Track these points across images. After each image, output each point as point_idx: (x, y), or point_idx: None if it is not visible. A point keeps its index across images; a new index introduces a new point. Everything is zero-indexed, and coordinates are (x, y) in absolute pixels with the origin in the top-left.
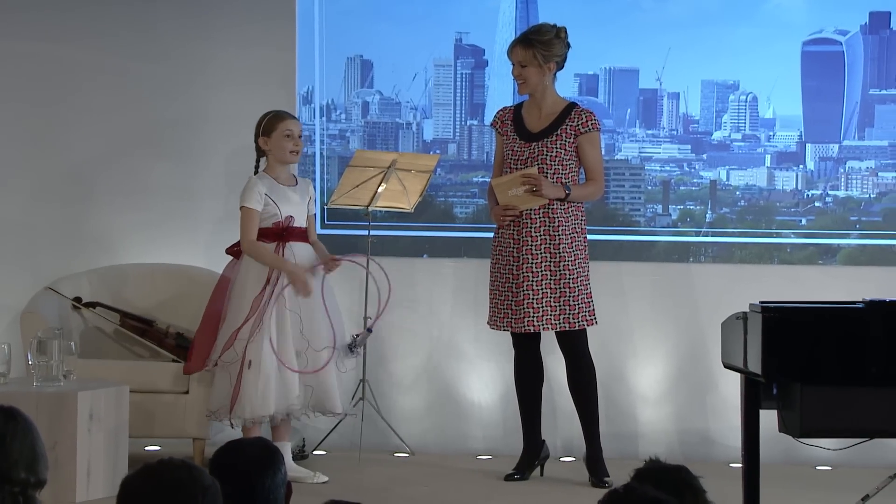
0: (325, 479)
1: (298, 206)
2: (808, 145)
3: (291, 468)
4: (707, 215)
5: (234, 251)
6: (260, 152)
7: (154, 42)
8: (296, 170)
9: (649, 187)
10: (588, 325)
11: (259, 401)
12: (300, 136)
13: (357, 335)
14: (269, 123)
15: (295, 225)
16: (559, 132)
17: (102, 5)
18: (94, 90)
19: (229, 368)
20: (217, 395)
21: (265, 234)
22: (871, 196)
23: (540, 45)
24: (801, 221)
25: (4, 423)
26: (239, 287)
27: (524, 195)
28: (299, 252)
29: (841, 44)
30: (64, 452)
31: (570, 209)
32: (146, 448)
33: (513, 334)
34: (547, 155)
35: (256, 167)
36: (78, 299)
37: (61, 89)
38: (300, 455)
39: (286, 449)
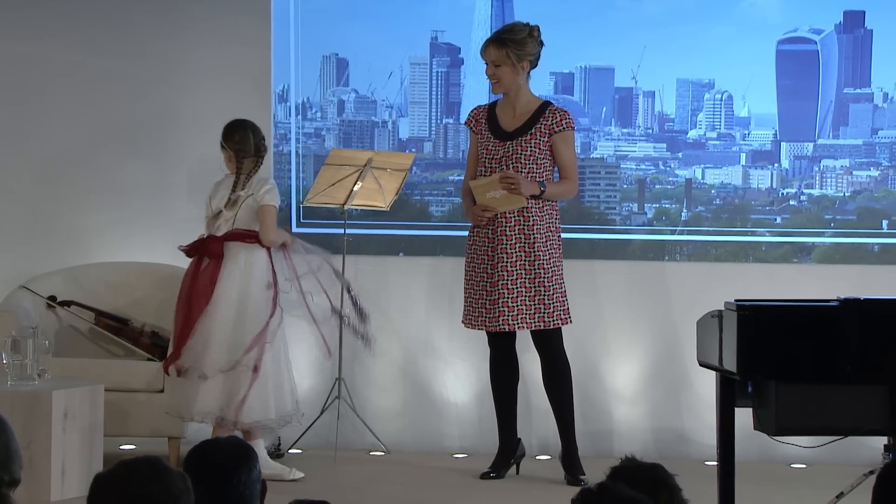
0: (301, 475)
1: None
2: (783, 144)
3: (267, 465)
4: (682, 214)
5: (197, 250)
6: (260, 157)
7: (127, 39)
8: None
9: (625, 186)
10: (563, 324)
11: (264, 404)
12: None
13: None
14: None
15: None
16: (533, 131)
17: (75, 2)
18: (66, 87)
19: (241, 371)
20: (218, 399)
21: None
22: (846, 194)
23: (513, 45)
24: (776, 220)
25: None
26: (237, 291)
27: (502, 198)
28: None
29: (816, 43)
30: (38, 451)
31: (544, 208)
32: (121, 447)
33: (488, 333)
34: (521, 154)
35: (255, 170)
36: (52, 298)
37: (33, 86)
38: (276, 454)
39: (260, 446)
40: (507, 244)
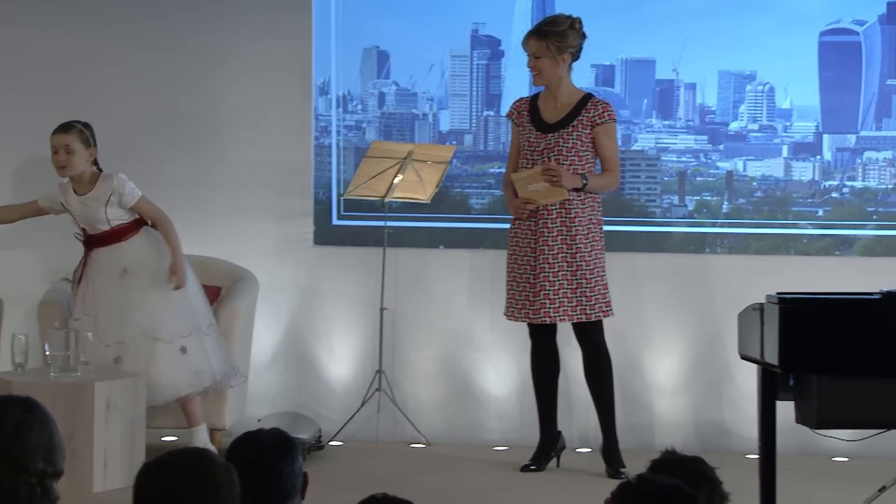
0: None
1: (92, 212)
2: (826, 136)
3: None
4: (723, 206)
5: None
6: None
7: (170, 32)
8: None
9: (665, 178)
10: (604, 316)
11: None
12: (67, 151)
13: None
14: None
15: (95, 233)
16: (575, 123)
17: None
18: (107, 81)
19: None
20: None
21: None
22: (889, 186)
23: (554, 37)
24: (817, 212)
25: (22, 414)
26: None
27: (544, 190)
28: (105, 257)
29: (858, 34)
30: (81, 443)
31: (586, 200)
32: (162, 438)
33: (529, 325)
34: (563, 146)
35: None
36: None
37: (76, 80)
38: (316, 446)
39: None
40: (548, 236)
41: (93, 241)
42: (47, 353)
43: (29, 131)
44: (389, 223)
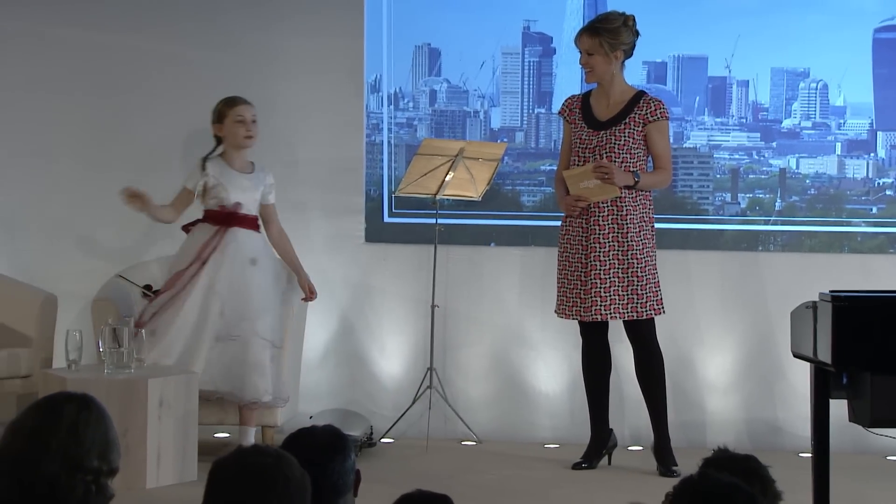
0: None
1: (250, 195)
2: (879, 133)
3: None
4: (776, 204)
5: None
6: (217, 139)
7: (222, 31)
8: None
9: (718, 175)
10: (656, 315)
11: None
12: (253, 122)
13: None
14: (222, 110)
15: (242, 212)
16: (627, 120)
17: None
18: (163, 79)
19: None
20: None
21: (211, 217)
22: None
23: (607, 34)
24: (871, 210)
25: (78, 411)
26: (174, 260)
27: (595, 187)
28: (243, 239)
29: None
30: (134, 439)
31: (638, 198)
32: (216, 435)
33: (580, 323)
34: (615, 143)
35: (210, 153)
36: (148, 287)
37: (131, 78)
38: (368, 443)
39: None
40: (600, 234)
41: (233, 220)
42: (101, 349)
43: (86, 130)
44: (440, 220)
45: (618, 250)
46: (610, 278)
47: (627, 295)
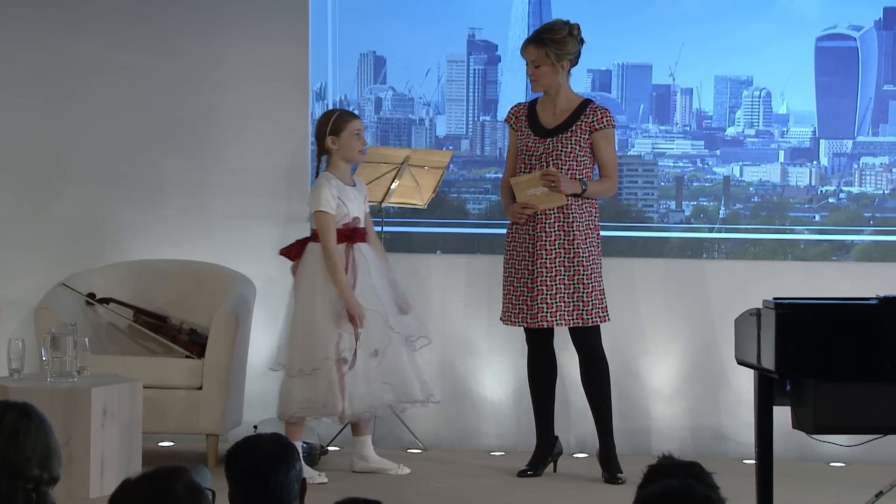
0: (408, 471)
1: (360, 206)
2: (822, 141)
3: (375, 460)
4: (720, 211)
5: (290, 252)
6: (323, 152)
7: (167, 38)
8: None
9: (662, 183)
10: (601, 322)
11: (359, 397)
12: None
13: None
14: (338, 122)
15: (360, 226)
16: (574, 128)
17: (114, 1)
18: (105, 86)
19: (327, 371)
20: (303, 397)
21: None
22: (885, 192)
23: (553, 44)
24: (814, 217)
25: (18, 419)
26: (310, 288)
27: (542, 195)
28: (367, 253)
29: (855, 39)
30: (78, 448)
31: (584, 205)
32: (160, 444)
33: (526, 330)
34: (562, 151)
35: (318, 168)
36: (92, 295)
37: (72, 85)
38: (322, 451)
39: (367, 442)
40: (546, 241)
41: (357, 235)
42: (43, 358)
43: (28, 137)
44: (386, 228)
45: (564, 258)
46: (556, 285)
47: (573, 302)
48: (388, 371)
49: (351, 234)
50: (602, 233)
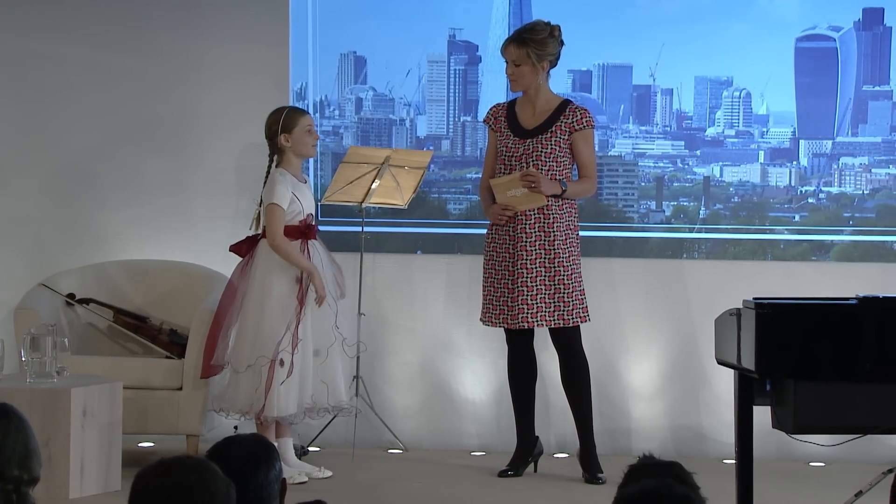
0: (329, 473)
1: (311, 202)
2: (802, 141)
3: (295, 464)
4: (700, 211)
5: (240, 248)
6: (275, 149)
7: (146, 38)
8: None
9: (643, 183)
10: (582, 322)
11: (286, 400)
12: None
13: None
14: (288, 120)
15: (313, 222)
16: (554, 129)
17: (94, 1)
18: (85, 86)
19: (260, 368)
20: (245, 393)
21: (291, 233)
22: (865, 192)
23: (534, 45)
24: (794, 218)
25: None
26: (260, 285)
27: (522, 196)
28: (320, 249)
29: (834, 40)
30: (57, 449)
31: (564, 206)
32: (140, 444)
33: (507, 330)
34: (542, 151)
35: (271, 165)
36: (71, 295)
37: (52, 85)
38: (302, 452)
39: (289, 444)
40: (527, 242)
41: (311, 232)
42: (23, 358)
43: (7, 137)
44: (367, 228)
45: (545, 258)
46: (537, 286)
47: (554, 303)
48: (328, 371)
49: (305, 231)
50: (582, 233)
